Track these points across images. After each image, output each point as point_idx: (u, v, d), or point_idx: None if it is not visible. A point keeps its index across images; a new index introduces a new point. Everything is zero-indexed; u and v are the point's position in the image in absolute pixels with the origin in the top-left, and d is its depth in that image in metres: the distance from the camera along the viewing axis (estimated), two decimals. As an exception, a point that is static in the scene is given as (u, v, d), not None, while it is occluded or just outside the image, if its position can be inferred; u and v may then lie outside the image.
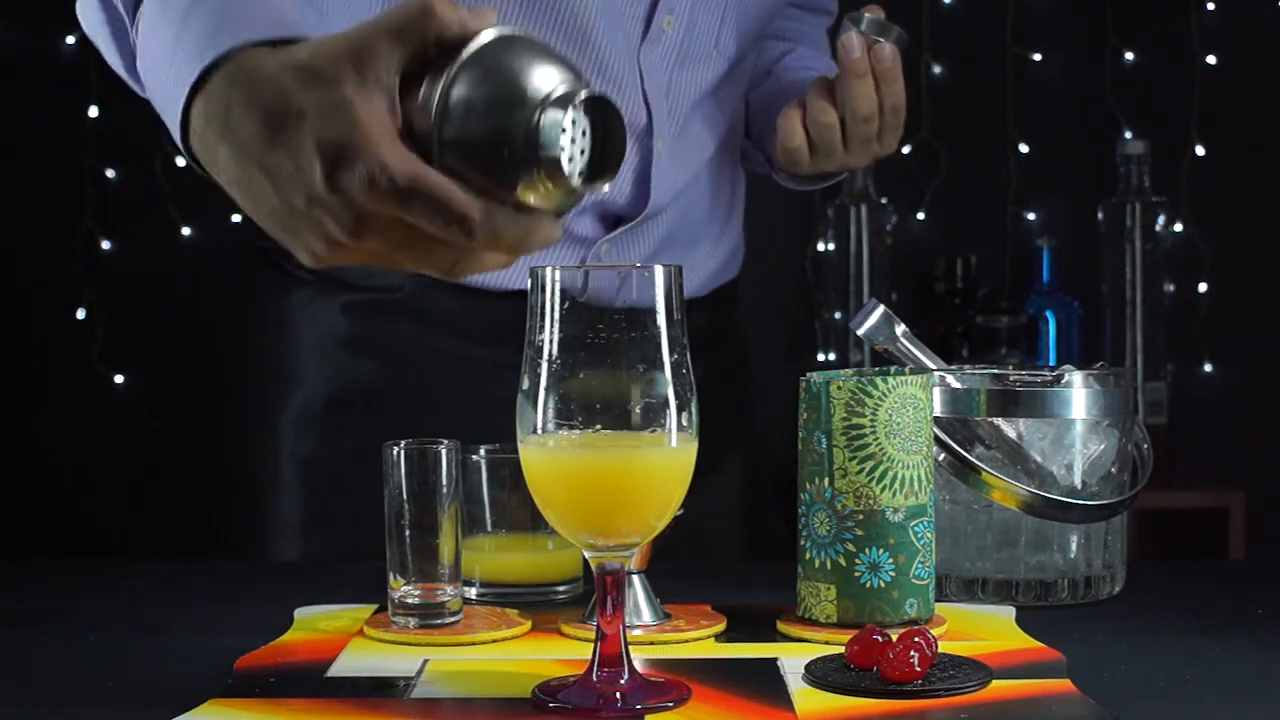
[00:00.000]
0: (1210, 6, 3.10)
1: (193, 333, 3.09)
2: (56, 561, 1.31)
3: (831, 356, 2.49)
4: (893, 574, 0.96)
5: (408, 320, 1.29)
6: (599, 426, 0.80)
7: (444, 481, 0.98)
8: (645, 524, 0.83)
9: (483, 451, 1.10)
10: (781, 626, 0.98)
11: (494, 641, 0.97)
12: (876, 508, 0.96)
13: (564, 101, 0.76)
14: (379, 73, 0.77)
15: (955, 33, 2.64)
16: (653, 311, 0.80)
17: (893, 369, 0.99)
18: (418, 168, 0.76)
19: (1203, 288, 3.19)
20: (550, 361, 0.80)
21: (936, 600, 1.06)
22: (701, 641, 0.96)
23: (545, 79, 0.76)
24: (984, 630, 0.98)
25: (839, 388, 0.96)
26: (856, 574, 0.96)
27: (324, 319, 1.32)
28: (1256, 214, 3.12)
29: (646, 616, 0.99)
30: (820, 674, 0.85)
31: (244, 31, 0.83)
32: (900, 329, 1.11)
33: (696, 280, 1.35)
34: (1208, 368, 3.21)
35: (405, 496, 0.98)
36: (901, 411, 0.96)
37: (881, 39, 1.26)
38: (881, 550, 0.96)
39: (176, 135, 0.87)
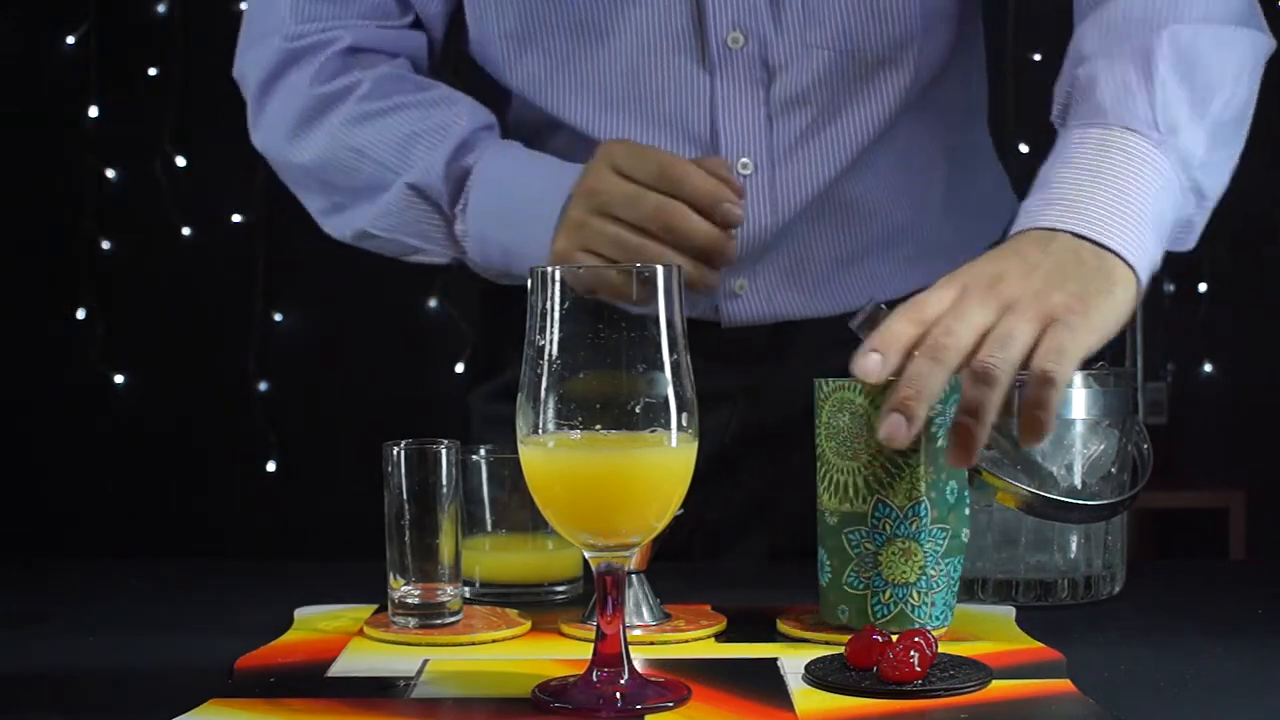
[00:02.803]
0: (1210, 6, 3.09)
1: (192, 333, 3.10)
2: (56, 561, 1.31)
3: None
4: (829, 577, 0.97)
5: None
6: (599, 426, 0.80)
7: (444, 481, 0.98)
8: (645, 524, 0.83)
9: (483, 451, 1.10)
10: (781, 626, 0.98)
11: (494, 641, 0.96)
12: (820, 508, 0.98)
13: None
14: None
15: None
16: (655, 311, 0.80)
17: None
18: None
19: (1203, 288, 3.19)
20: (550, 361, 0.80)
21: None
22: (701, 641, 0.96)
23: None
24: (984, 630, 0.98)
25: (818, 387, 0.98)
26: (818, 568, 0.98)
27: None
28: (1257, 214, 3.13)
29: (646, 616, 0.99)
30: (820, 674, 0.85)
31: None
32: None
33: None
34: (1208, 368, 3.21)
35: (405, 496, 0.98)
36: (839, 416, 0.96)
37: None
38: (823, 550, 0.98)
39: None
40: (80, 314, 3.10)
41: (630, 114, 1.25)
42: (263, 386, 3.12)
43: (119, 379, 3.11)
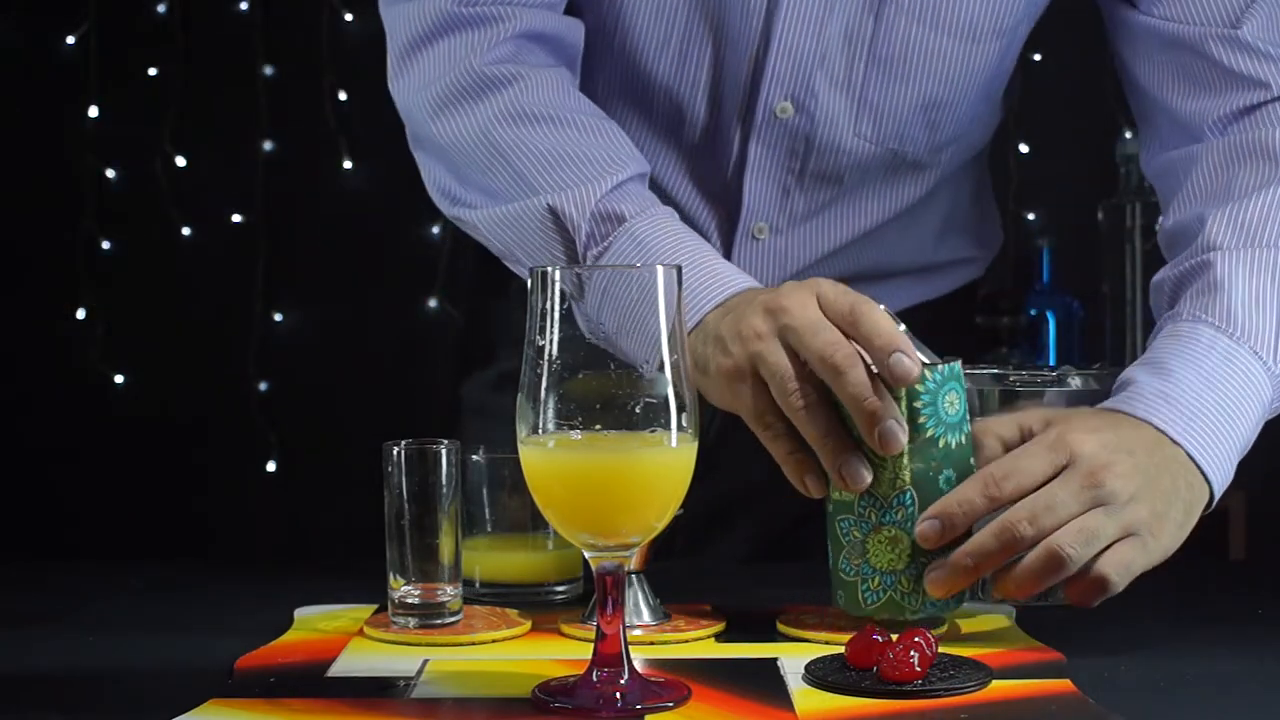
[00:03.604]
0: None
1: (192, 333, 3.09)
2: (56, 562, 1.31)
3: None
4: (830, 563, 0.98)
5: None
6: (599, 426, 0.80)
7: (444, 481, 0.98)
8: (645, 524, 0.83)
9: (482, 451, 1.10)
10: (781, 626, 0.98)
11: (494, 641, 0.97)
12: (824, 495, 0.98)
13: None
14: None
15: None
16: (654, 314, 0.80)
17: None
18: None
19: (1203, 288, 3.19)
20: (550, 361, 0.80)
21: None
22: (701, 641, 0.96)
23: None
24: (984, 630, 0.98)
25: None
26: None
27: None
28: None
29: (646, 616, 0.99)
30: (820, 674, 0.85)
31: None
32: (900, 329, 1.10)
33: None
34: (1208, 368, 3.20)
35: (405, 496, 0.98)
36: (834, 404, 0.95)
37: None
38: (826, 536, 0.98)
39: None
40: (80, 314, 3.09)
41: (664, 142, 1.25)
42: (263, 386, 3.12)
43: (119, 379, 3.11)
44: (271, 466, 3.09)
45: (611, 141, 1.15)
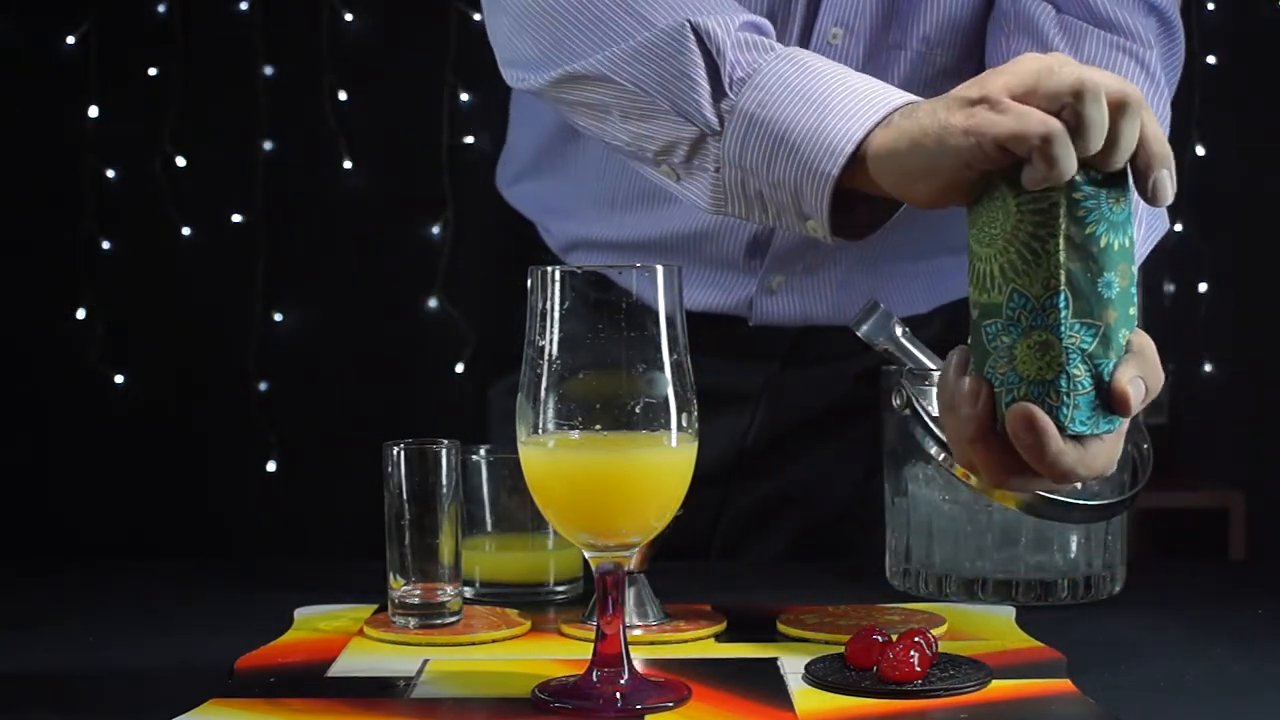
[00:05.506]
0: (1210, 6, 3.09)
1: (192, 333, 3.10)
2: (56, 561, 1.31)
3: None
4: (975, 372, 0.89)
5: None
6: (599, 426, 0.80)
7: (444, 481, 0.98)
8: (645, 524, 0.83)
9: (483, 451, 1.10)
10: (781, 626, 0.98)
11: (494, 641, 0.97)
12: (969, 305, 0.90)
13: None
14: None
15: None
16: (654, 311, 0.80)
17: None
18: None
19: (1203, 288, 3.19)
20: (550, 361, 0.80)
21: (937, 600, 1.07)
22: (701, 641, 0.96)
23: None
24: (984, 630, 0.98)
25: None
26: None
27: None
28: (1257, 214, 3.13)
29: (647, 616, 0.99)
30: (820, 674, 0.85)
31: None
32: (900, 329, 1.11)
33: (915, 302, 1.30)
34: (1208, 368, 3.21)
35: (405, 496, 0.98)
36: (982, 200, 0.88)
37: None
38: (971, 350, 0.90)
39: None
40: (80, 314, 3.10)
41: None
42: (263, 386, 3.12)
43: (119, 379, 3.11)
44: (271, 466, 3.09)
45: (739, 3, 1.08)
